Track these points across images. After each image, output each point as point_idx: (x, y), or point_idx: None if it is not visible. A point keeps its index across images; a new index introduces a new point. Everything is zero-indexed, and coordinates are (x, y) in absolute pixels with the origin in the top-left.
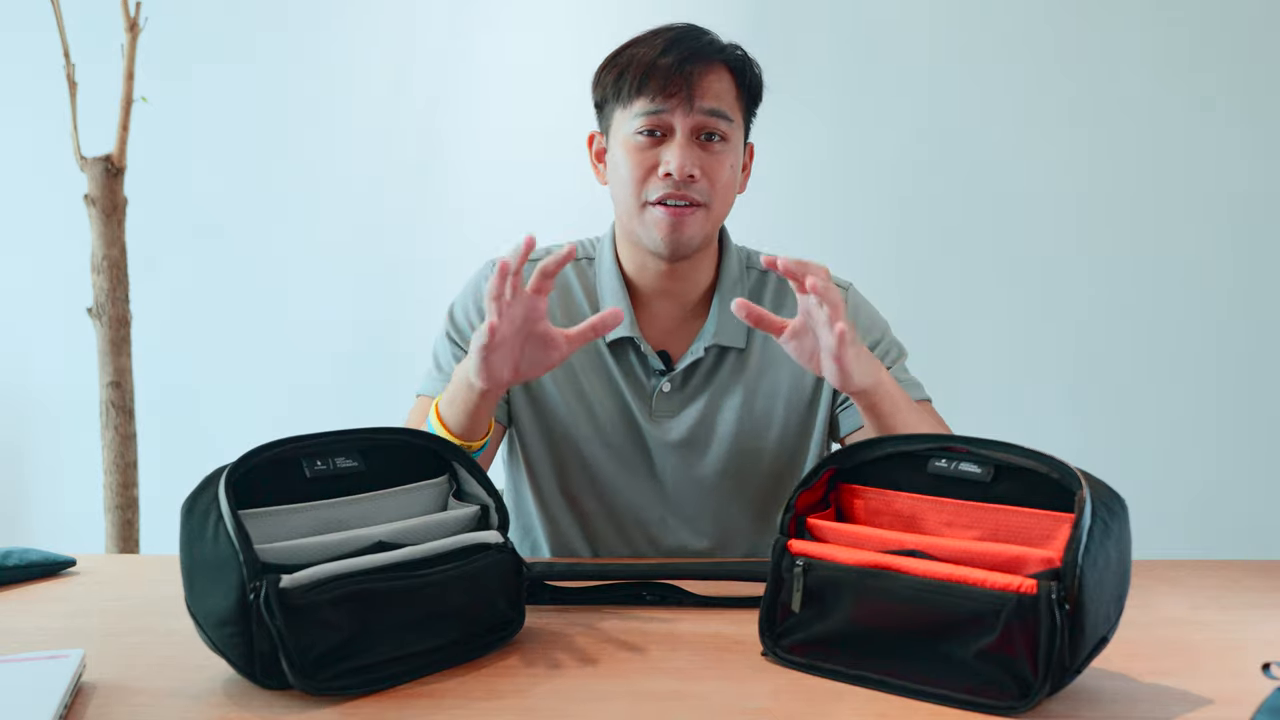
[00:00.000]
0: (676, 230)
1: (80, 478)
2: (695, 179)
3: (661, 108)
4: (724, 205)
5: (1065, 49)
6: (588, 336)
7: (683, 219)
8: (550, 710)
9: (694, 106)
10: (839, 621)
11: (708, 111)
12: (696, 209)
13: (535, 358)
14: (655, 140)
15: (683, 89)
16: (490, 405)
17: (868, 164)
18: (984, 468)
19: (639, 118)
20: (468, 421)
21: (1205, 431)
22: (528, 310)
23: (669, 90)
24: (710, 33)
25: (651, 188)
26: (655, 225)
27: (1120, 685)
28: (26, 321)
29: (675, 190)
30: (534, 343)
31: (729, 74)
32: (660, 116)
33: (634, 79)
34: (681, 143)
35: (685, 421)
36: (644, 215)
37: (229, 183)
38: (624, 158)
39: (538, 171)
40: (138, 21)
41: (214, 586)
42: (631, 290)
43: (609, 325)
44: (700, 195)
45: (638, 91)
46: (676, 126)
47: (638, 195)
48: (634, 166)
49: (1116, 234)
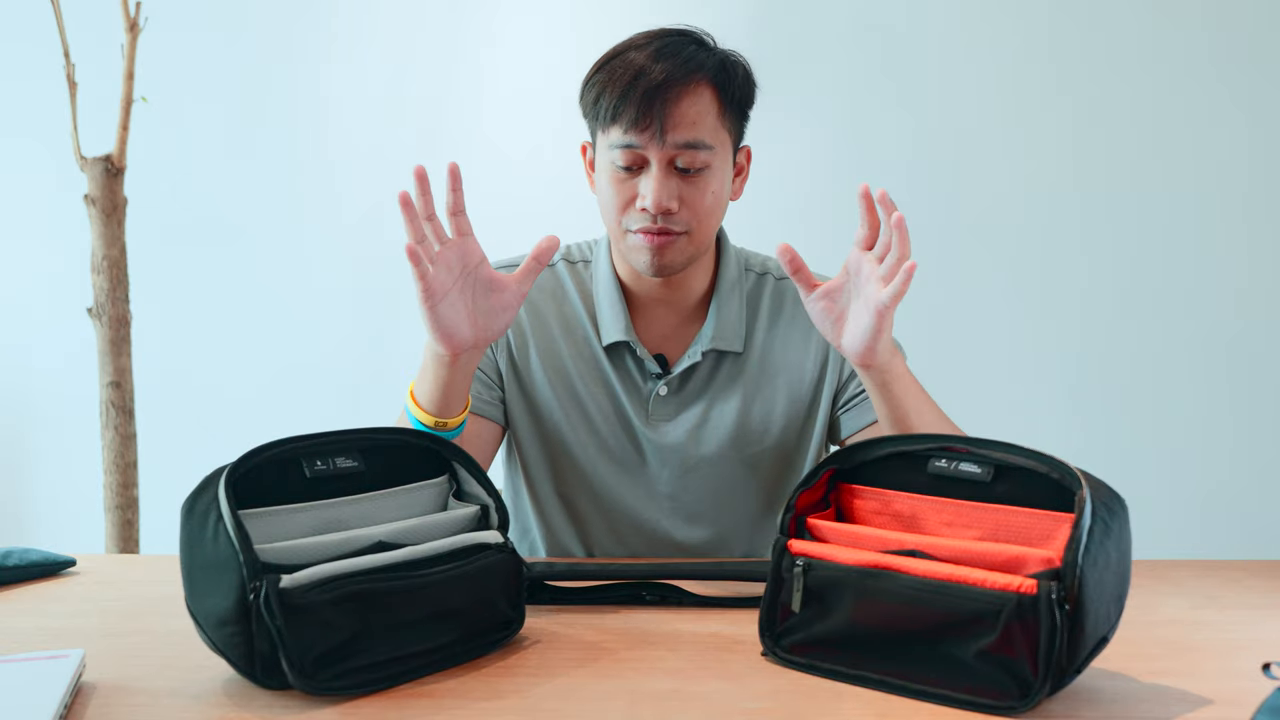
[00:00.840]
0: (658, 257)
1: (80, 478)
2: (673, 211)
3: (633, 142)
4: (708, 228)
5: (1066, 50)
6: (533, 269)
7: (663, 247)
8: (550, 710)
9: (666, 141)
10: (839, 621)
11: (682, 145)
12: (677, 237)
13: (488, 306)
14: (632, 172)
15: (654, 123)
16: (460, 376)
17: (867, 164)
18: (984, 468)
19: (614, 149)
20: (439, 395)
21: (1205, 432)
22: (462, 254)
23: (640, 124)
24: (697, 39)
25: (630, 218)
26: (637, 251)
27: (1120, 685)
28: (26, 321)
29: (652, 224)
30: (481, 290)
31: (710, 90)
32: (633, 151)
33: (608, 106)
34: (658, 176)
35: (682, 425)
36: (626, 240)
37: (229, 183)
38: (605, 184)
39: (538, 172)
40: (138, 21)
41: (214, 587)
42: (627, 294)
43: (548, 251)
44: (679, 225)
45: (612, 120)
46: (651, 159)
47: (619, 223)
48: (614, 195)
49: (1117, 234)
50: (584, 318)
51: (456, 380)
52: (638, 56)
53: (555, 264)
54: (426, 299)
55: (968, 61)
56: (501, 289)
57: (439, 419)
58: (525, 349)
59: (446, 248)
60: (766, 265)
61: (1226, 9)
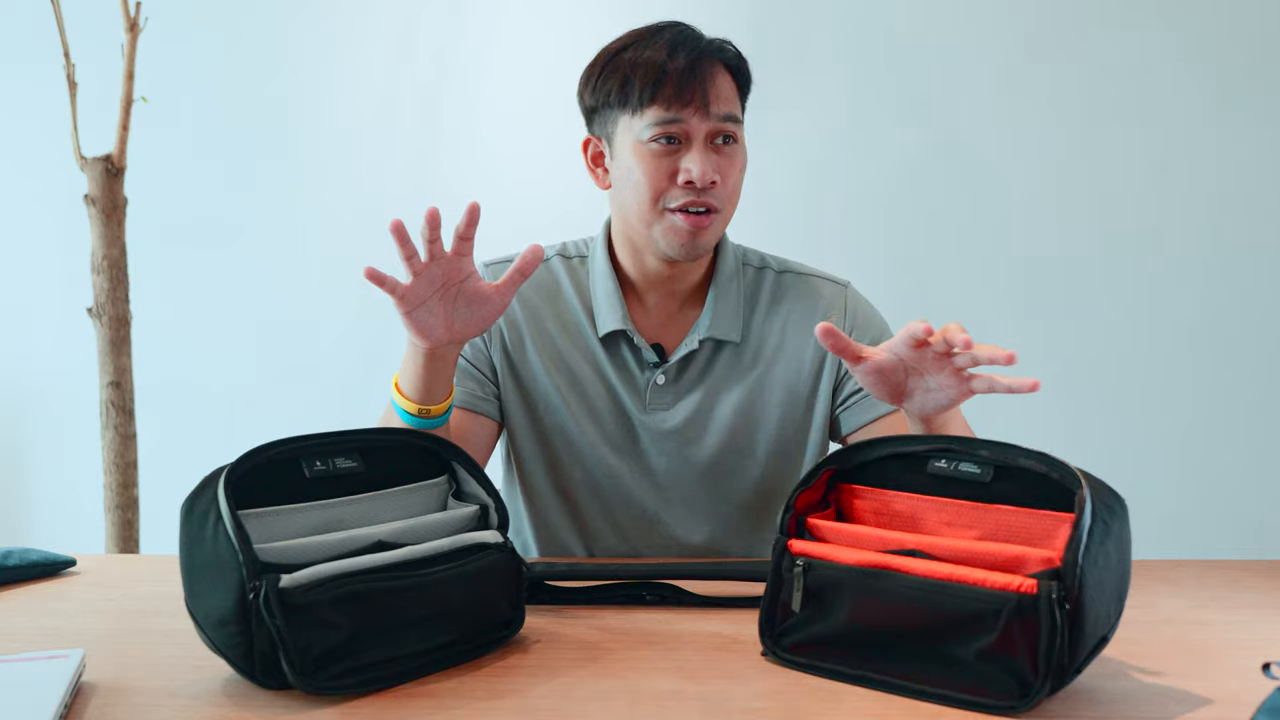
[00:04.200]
0: (695, 237)
1: (80, 478)
2: (717, 184)
3: (678, 116)
4: (734, 207)
5: (1065, 50)
6: (515, 280)
7: (701, 227)
8: (550, 710)
9: (710, 113)
10: (839, 621)
11: (723, 117)
12: (713, 215)
13: (469, 314)
14: (673, 147)
15: (698, 95)
16: (439, 366)
17: (867, 164)
18: (984, 468)
19: (654, 126)
20: (420, 384)
21: (1205, 431)
22: (447, 271)
23: (684, 98)
24: (699, 30)
25: (672, 195)
26: (674, 232)
27: (1120, 685)
28: (26, 321)
29: (697, 197)
30: (464, 300)
31: (728, 73)
32: (678, 125)
33: (644, 85)
34: (701, 149)
35: (680, 414)
36: (662, 221)
37: (229, 183)
38: (638, 164)
39: (538, 172)
40: (138, 21)
41: (214, 587)
42: (625, 284)
43: (532, 263)
44: (718, 200)
45: (651, 99)
46: (694, 134)
47: (655, 203)
48: (652, 173)
49: (1116, 233)
50: (579, 311)
51: (437, 370)
52: (656, 42)
53: (550, 260)
54: (401, 305)
55: (968, 61)
56: (484, 301)
57: (422, 406)
58: (521, 344)
59: (435, 263)
60: (765, 260)
61: (1227, 9)
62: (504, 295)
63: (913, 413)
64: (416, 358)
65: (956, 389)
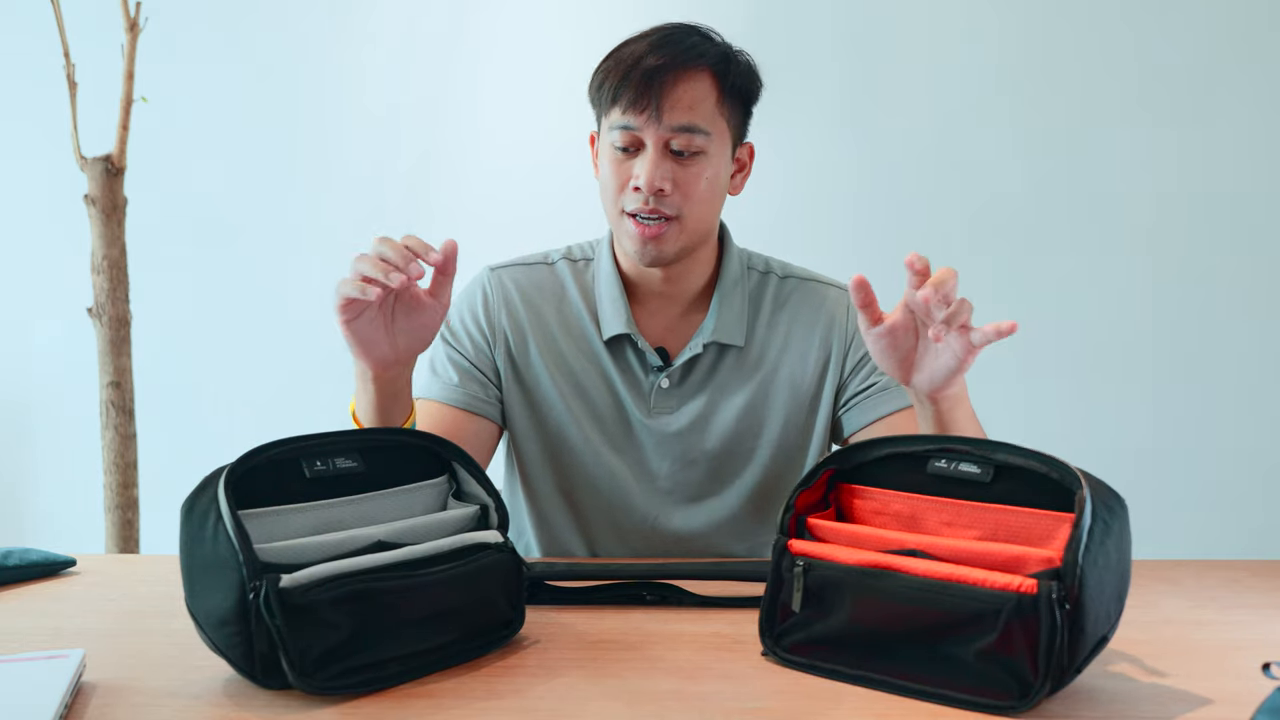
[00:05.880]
0: (648, 244)
1: (80, 478)
2: (665, 193)
3: (630, 123)
4: (701, 216)
5: (1065, 50)
6: (444, 283)
7: (655, 233)
8: (550, 710)
9: (662, 121)
10: (839, 621)
11: (677, 127)
12: (669, 223)
13: (408, 326)
14: (629, 154)
15: (651, 104)
16: (386, 394)
17: (867, 164)
18: (984, 468)
19: (614, 130)
20: (372, 412)
21: (1205, 431)
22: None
23: (639, 105)
24: (701, 32)
25: (626, 199)
26: (629, 237)
27: (1120, 685)
28: (26, 321)
29: (644, 205)
30: (403, 309)
31: (710, 78)
32: (630, 132)
33: (610, 90)
34: (652, 157)
35: (684, 417)
36: (621, 224)
37: (229, 183)
38: (605, 167)
39: (538, 174)
40: (138, 21)
41: (214, 587)
42: (629, 288)
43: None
44: (670, 209)
45: (613, 102)
46: (647, 141)
47: (616, 204)
48: (612, 177)
49: (1116, 233)
50: (584, 314)
51: (385, 397)
52: (641, 44)
53: (556, 263)
54: (342, 314)
55: (968, 61)
56: (422, 308)
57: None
58: (524, 346)
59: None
60: (769, 265)
61: (1226, 9)
62: (439, 297)
63: (922, 390)
64: (364, 386)
65: (960, 344)
